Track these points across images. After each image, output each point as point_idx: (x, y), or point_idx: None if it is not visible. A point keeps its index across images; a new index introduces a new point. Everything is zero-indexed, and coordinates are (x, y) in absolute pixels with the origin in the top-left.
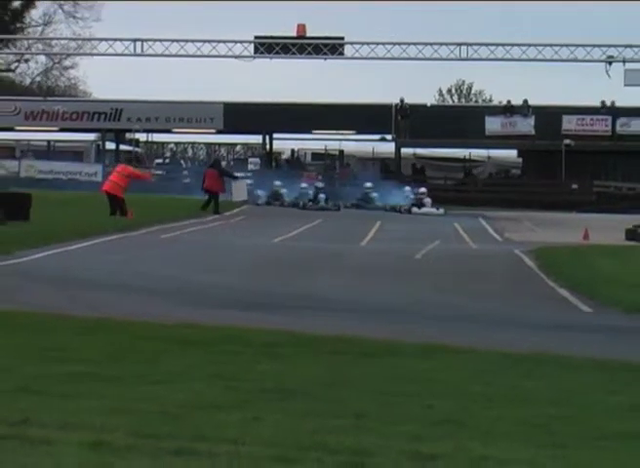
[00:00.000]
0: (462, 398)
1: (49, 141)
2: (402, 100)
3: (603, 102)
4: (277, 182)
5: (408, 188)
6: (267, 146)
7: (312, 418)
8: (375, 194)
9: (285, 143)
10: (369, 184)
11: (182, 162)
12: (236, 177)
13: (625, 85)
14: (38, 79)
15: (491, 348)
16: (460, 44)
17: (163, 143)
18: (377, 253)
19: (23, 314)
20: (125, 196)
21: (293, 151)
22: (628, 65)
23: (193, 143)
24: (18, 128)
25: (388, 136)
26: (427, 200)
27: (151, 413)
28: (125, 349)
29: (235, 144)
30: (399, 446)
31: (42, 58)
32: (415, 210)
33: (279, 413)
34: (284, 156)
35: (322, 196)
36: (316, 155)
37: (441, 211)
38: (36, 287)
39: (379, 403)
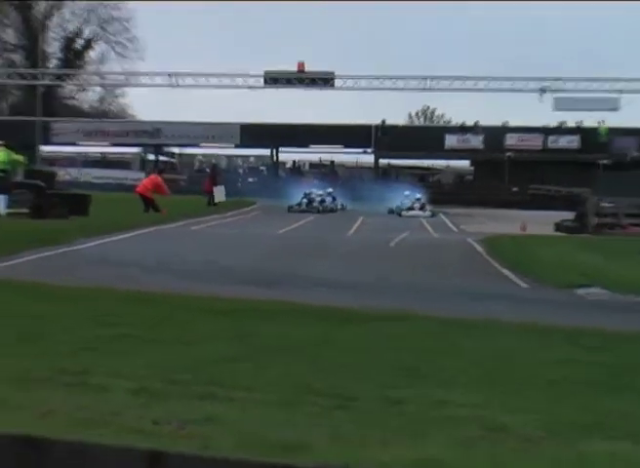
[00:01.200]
0: (421, 353)
1: (102, 154)
2: (384, 121)
3: (552, 126)
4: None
5: (407, 193)
6: (274, 158)
7: (307, 369)
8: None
9: (288, 155)
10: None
11: (208, 170)
12: (217, 184)
13: (554, 110)
14: (95, 105)
15: (445, 315)
16: (425, 77)
17: (193, 155)
18: (359, 240)
19: (83, 288)
20: (154, 196)
21: (294, 162)
22: (557, 95)
23: (216, 155)
24: (79, 143)
25: (369, 150)
26: (417, 205)
27: (182, 367)
28: (162, 317)
29: (249, 156)
30: (375, 392)
31: (98, 89)
32: (404, 213)
33: (284, 365)
34: (287, 165)
35: (329, 199)
36: (312, 165)
37: (427, 213)
38: (92, 267)
39: (358, 357)
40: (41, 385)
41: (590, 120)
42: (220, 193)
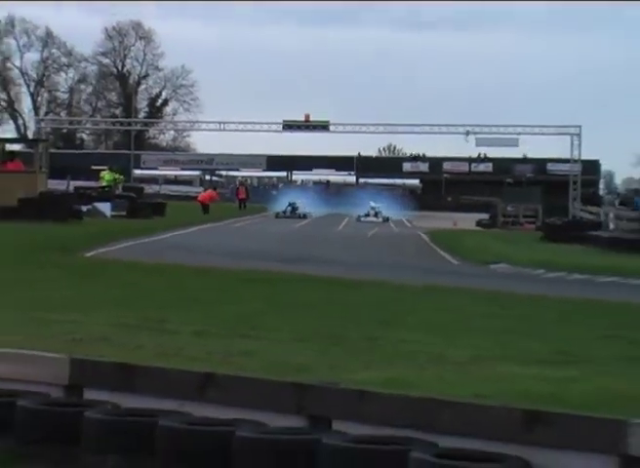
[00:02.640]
0: (392, 308)
1: (174, 175)
2: (359, 153)
3: (479, 155)
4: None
5: (372, 204)
6: (289, 177)
7: (315, 319)
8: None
9: (298, 176)
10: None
11: (238, 184)
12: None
13: (476, 146)
14: (170, 142)
15: (403, 282)
16: (389, 124)
17: (234, 176)
18: (346, 233)
19: (162, 264)
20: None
21: (302, 180)
22: (477, 136)
23: (250, 176)
24: (159, 168)
25: (352, 173)
26: (372, 212)
27: (228, 317)
28: (214, 283)
29: (272, 177)
30: (359, 334)
31: (172, 132)
32: (362, 219)
33: (298, 316)
34: (297, 183)
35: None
36: (315, 182)
37: (380, 219)
38: (168, 250)
39: (349, 311)
40: (133, 330)
41: (500, 152)
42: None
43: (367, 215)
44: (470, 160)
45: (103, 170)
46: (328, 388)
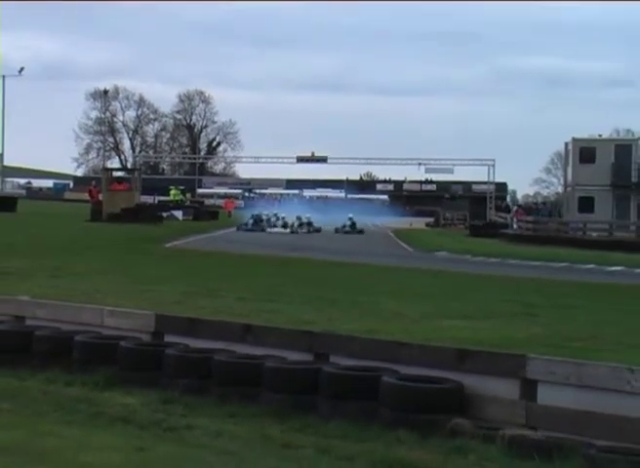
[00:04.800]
0: (370, 281)
1: (225, 193)
2: (347, 178)
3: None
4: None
5: (350, 215)
6: (301, 194)
7: (317, 288)
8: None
9: (307, 193)
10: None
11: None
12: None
13: (425, 173)
14: (222, 171)
15: (377, 265)
16: (367, 158)
17: (264, 193)
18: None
19: (215, 251)
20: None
21: (310, 196)
22: (427, 166)
23: (274, 193)
24: (214, 187)
25: (342, 190)
26: (348, 223)
27: (259, 287)
28: (249, 264)
29: (289, 194)
30: (348, 298)
31: (223, 163)
32: (339, 229)
33: (305, 286)
34: (307, 198)
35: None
36: (318, 197)
37: (355, 229)
38: (219, 242)
39: (341, 283)
40: (196, 295)
41: (441, 177)
42: None
43: (344, 226)
44: (421, 182)
45: (171, 188)
46: (327, 334)
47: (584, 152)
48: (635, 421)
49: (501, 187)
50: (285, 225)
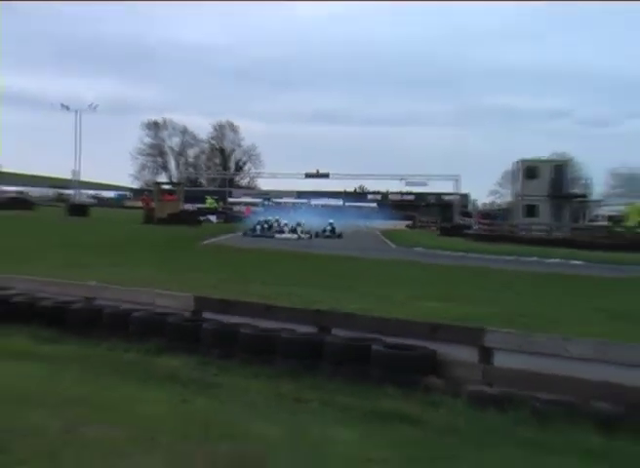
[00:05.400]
0: (365, 273)
1: (249, 202)
2: (345, 190)
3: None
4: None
5: (331, 221)
6: (309, 202)
7: (327, 277)
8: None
9: (315, 201)
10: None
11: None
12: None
13: (406, 185)
14: (246, 184)
15: (371, 258)
16: (361, 174)
17: (279, 202)
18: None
19: (244, 248)
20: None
21: (315, 204)
22: (407, 180)
23: (286, 202)
24: (240, 198)
25: (341, 200)
26: (329, 228)
27: (280, 274)
28: (270, 257)
29: (299, 202)
30: (344, 284)
31: (248, 178)
32: (320, 234)
33: (314, 274)
34: (314, 205)
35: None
36: (323, 206)
37: (334, 234)
38: (246, 240)
39: (343, 274)
40: (228, 282)
41: (418, 189)
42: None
43: (324, 231)
44: (402, 193)
45: (207, 198)
46: (329, 312)
47: (529, 170)
48: (570, 379)
49: (465, 197)
50: (294, 230)
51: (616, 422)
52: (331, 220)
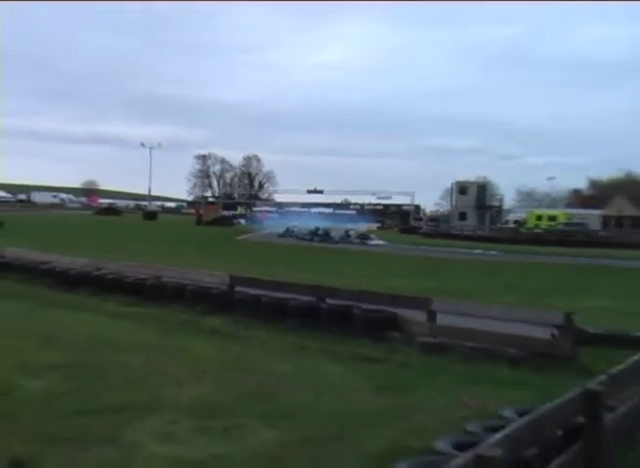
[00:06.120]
0: (353, 259)
1: (266, 210)
2: (334, 201)
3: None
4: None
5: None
6: (309, 210)
7: (325, 265)
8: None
9: (313, 210)
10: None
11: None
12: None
13: (376, 199)
14: (265, 198)
15: (355, 250)
16: (345, 191)
17: (288, 210)
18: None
19: (267, 242)
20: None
21: (314, 212)
22: (378, 195)
23: (294, 210)
24: (260, 208)
25: (331, 208)
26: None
27: (290, 263)
28: (291, 250)
29: (303, 210)
30: (334, 268)
31: (267, 194)
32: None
33: (314, 262)
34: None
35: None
36: (319, 213)
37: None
38: (266, 238)
39: (331, 260)
40: (254, 267)
41: (385, 201)
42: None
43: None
44: (374, 204)
45: (238, 207)
46: (323, 286)
47: (461, 188)
48: (488, 332)
49: (417, 207)
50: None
51: (519, 361)
52: (349, 226)
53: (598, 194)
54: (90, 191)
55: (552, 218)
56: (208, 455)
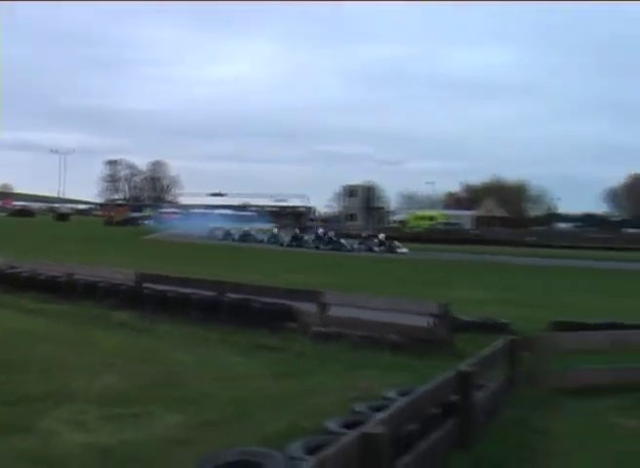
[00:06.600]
0: (253, 257)
1: (172, 211)
2: (237, 204)
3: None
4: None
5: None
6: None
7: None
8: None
9: (216, 211)
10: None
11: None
12: None
13: (274, 201)
14: (171, 199)
15: (258, 248)
16: (244, 193)
17: (192, 212)
18: None
19: (169, 241)
20: None
21: (217, 213)
22: (275, 198)
23: (197, 211)
24: (169, 209)
25: (233, 210)
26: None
27: (195, 259)
28: (194, 248)
29: (207, 212)
30: (242, 265)
31: (173, 196)
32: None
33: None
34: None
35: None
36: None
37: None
38: (171, 237)
39: (231, 259)
40: (165, 265)
41: (283, 203)
42: None
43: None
44: (272, 206)
45: (144, 209)
46: (225, 281)
47: (350, 191)
48: (374, 322)
49: (311, 209)
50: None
51: (400, 348)
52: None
53: (471, 197)
54: (4, 194)
55: (431, 219)
56: (118, 441)
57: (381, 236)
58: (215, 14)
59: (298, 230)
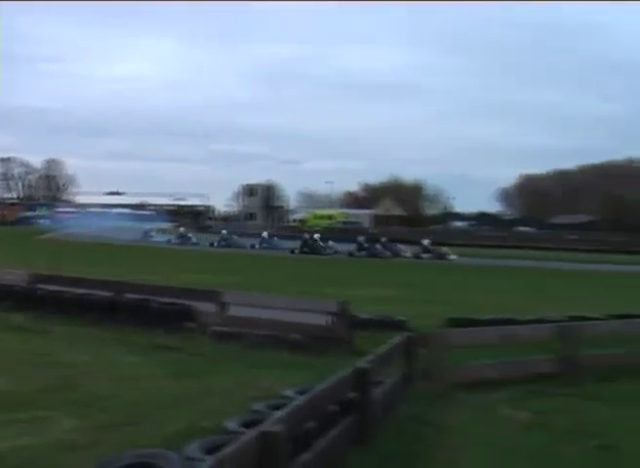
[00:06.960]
0: (150, 257)
1: (68, 211)
2: (135, 203)
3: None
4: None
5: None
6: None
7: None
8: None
9: (114, 210)
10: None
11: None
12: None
13: (174, 200)
14: (68, 198)
15: (158, 246)
16: (142, 193)
17: (90, 211)
18: None
19: (71, 241)
20: None
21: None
22: (174, 197)
23: (95, 211)
24: (65, 208)
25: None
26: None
27: (95, 257)
28: (83, 247)
29: (105, 211)
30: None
31: (70, 196)
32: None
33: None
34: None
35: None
36: None
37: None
38: (70, 236)
39: (131, 259)
40: (58, 263)
41: (183, 202)
42: None
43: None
44: (170, 205)
45: (38, 208)
46: (123, 282)
47: (250, 190)
48: (275, 321)
49: (210, 207)
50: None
51: (300, 346)
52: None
53: (369, 196)
54: None
55: (330, 217)
56: (11, 447)
57: (426, 241)
58: (118, 11)
59: (331, 242)
